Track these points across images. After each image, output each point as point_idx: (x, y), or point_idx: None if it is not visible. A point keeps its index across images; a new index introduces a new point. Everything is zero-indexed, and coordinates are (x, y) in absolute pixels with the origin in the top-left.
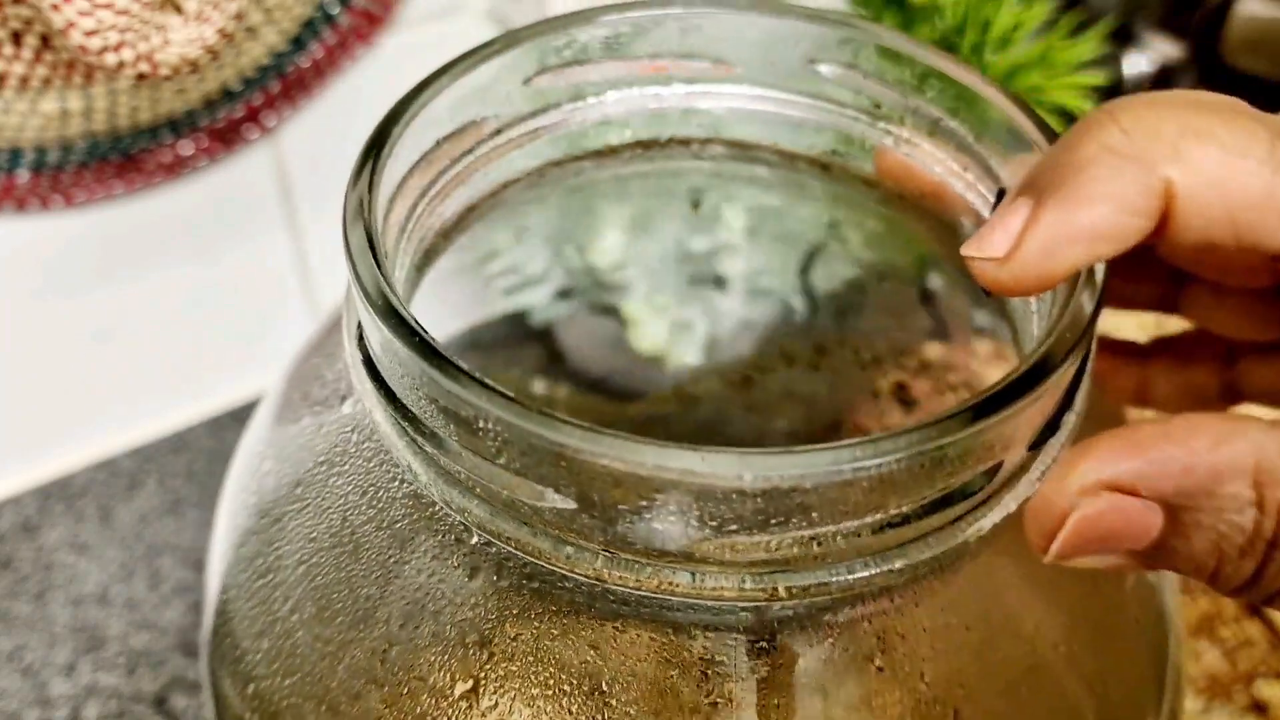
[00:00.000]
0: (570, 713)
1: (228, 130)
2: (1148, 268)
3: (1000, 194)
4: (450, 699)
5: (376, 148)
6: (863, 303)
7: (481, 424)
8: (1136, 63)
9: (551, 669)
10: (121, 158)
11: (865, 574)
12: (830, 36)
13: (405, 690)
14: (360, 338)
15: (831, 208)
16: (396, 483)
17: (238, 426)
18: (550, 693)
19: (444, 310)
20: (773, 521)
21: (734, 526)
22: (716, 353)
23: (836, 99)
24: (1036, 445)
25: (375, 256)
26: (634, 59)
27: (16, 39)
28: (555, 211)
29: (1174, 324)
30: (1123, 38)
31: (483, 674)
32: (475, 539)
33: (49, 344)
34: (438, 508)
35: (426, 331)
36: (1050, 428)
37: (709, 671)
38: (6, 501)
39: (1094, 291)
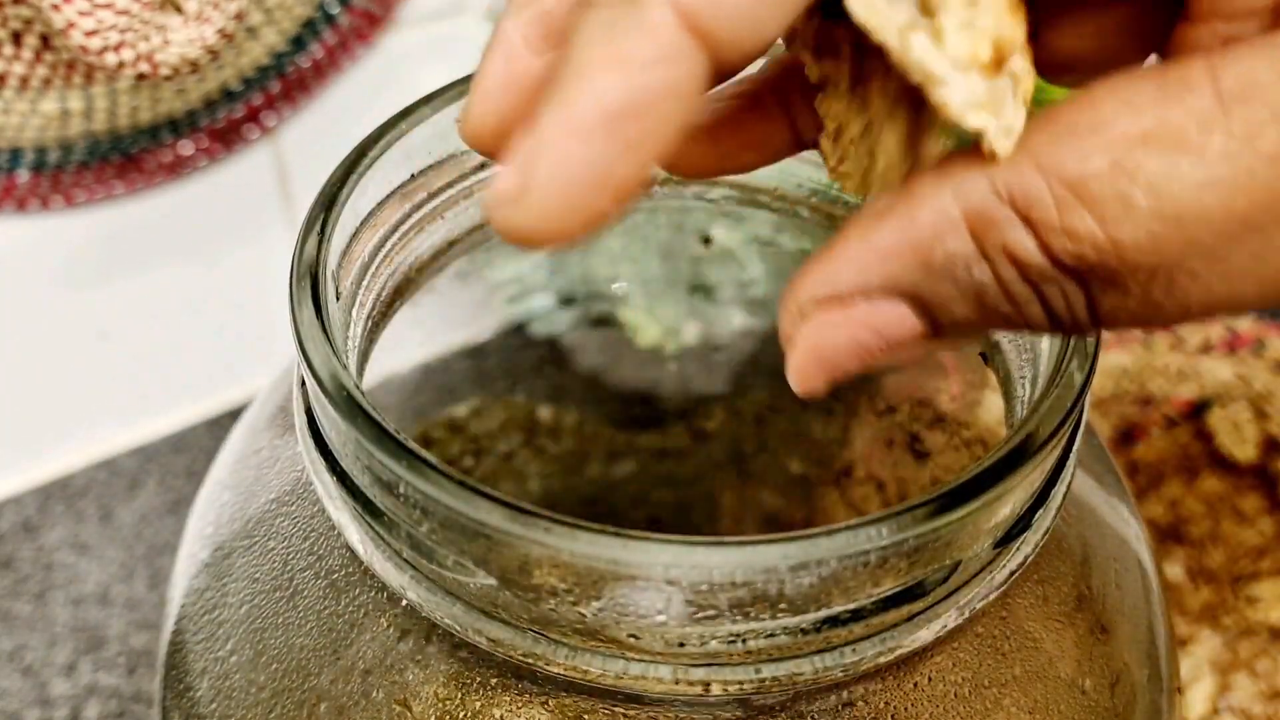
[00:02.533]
0: None
1: (228, 130)
2: None
3: None
4: None
5: (329, 202)
6: None
7: (404, 491)
8: None
9: None
10: (122, 158)
11: (803, 673)
12: None
13: None
14: (303, 382)
15: None
16: (335, 531)
17: None
18: None
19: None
20: (703, 615)
21: (662, 618)
22: (730, 388)
23: None
24: (1004, 542)
25: (324, 327)
26: None
27: (17, 39)
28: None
29: None
30: None
31: None
32: (406, 599)
33: (49, 344)
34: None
35: (364, 395)
36: (1023, 522)
37: None
38: (7, 501)
39: (1084, 359)
